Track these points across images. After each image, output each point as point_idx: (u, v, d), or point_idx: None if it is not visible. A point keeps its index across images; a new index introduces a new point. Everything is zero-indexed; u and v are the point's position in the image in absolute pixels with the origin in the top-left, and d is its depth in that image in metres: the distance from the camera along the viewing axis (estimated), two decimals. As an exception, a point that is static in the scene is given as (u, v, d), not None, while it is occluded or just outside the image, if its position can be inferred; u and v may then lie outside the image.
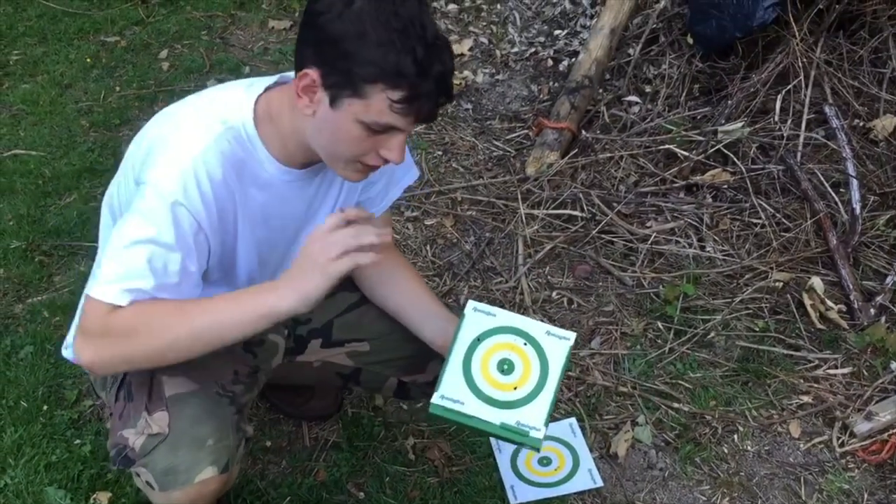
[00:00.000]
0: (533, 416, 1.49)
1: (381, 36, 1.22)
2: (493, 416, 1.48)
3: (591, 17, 3.51)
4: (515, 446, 2.01)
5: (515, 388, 1.51)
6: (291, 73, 1.41)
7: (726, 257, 2.53)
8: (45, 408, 2.08)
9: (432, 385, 1.70)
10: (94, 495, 1.89)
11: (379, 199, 1.65)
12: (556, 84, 3.29)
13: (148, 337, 1.32)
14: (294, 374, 1.80)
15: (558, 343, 1.54)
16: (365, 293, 1.74)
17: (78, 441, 2.00)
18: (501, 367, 1.52)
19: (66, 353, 1.62)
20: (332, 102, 1.28)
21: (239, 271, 1.51)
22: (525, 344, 1.54)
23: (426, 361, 1.72)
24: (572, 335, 1.54)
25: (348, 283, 1.76)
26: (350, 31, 1.23)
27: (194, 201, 1.32)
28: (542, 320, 1.99)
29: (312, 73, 1.28)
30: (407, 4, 1.24)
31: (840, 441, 2.06)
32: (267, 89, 1.41)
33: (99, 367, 1.37)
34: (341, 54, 1.24)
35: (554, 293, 2.46)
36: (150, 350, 1.34)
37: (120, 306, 1.31)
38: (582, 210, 2.66)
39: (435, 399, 1.47)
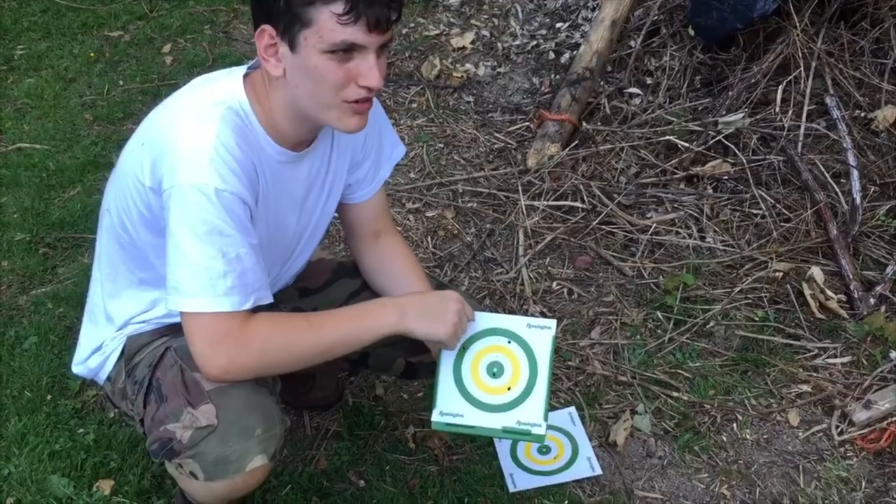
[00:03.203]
0: (532, 413, 1.53)
1: None
2: (494, 422, 1.53)
3: (593, 9, 3.51)
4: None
5: (509, 389, 1.55)
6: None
7: (726, 248, 2.54)
8: (48, 397, 2.10)
9: None
10: (98, 483, 1.90)
11: (369, 179, 1.66)
12: (558, 76, 3.29)
13: (281, 349, 1.38)
14: None
15: (541, 334, 1.56)
16: (366, 279, 1.75)
17: (81, 430, 2.02)
18: (491, 371, 1.56)
19: (78, 369, 1.64)
20: (291, 48, 1.30)
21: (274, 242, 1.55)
22: (509, 342, 1.56)
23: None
24: (553, 323, 1.57)
25: (350, 271, 1.78)
26: None
27: (232, 183, 1.33)
28: (527, 313, 2.00)
29: (267, 29, 1.31)
30: None
31: (839, 429, 2.06)
32: (248, 74, 1.43)
33: (233, 374, 1.38)
34: None
35: (554, 284, 2.47)
36: (286, 359, 1.40)
37: (247, 313, 1.34)
38: (582, 201, 2.67)
39: (435, 417, 1.53)
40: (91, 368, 1.61)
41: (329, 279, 1.78)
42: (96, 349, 1.60)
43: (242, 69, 1.44)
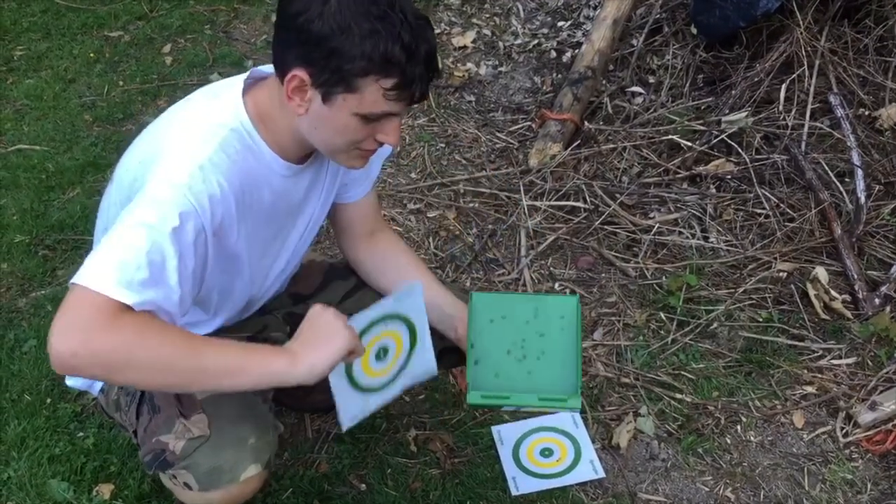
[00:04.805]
0: (566, 382, 1.55)
1: (364, 28, 1.22)
2: (529, 395, 1.55)
3: (595, 7, 3.49)
4: (517, 438, 2.01)
5: (539, 359, 1.58)
6: (262, 68, 1.41)
7: (730, 248, 2.52)
8: (48, 401, 2.09)
9: (438, 361, 1.68)
10: (97, 487, 1.89)
11: (362, 178, 1.65)
12: (560, 75, 3.27)
13: (148, 351, 1.20)
14: None
15: (566, 303, 1.59)
16: (364, 279, 1.74)
17: (81, 434, 2.01)
18: (521, 346, 1.58)
19: (72, 381, 1.63)
20: (324, 99, 1.28)
21: (246, 271, 1.48)
22: (535, 316, 1.58)
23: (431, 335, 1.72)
24: (575, 296, 1.62)
25: (342, 272, 1.77)
26: (333, 29, 1.22)
27: (200, 199, 1.26)
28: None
29: (301, 75, 1.27)
30: None
31: (844, 431, 2.05)
32: (247, 89, 1.39)
33: (79, 360, 1.18)
34: (328, 53, 1.23)
35: (556, 284, 2.45)
36: (146, 364, 1.21)
37: (128, 306, 1.19)
38: (585, 201, 2.66)
39: (471, 398, 1.55)
40: (84, 380, 1.59)
41: (321, 282, 1.77)
42: None
43: (241, 81, 1.40)
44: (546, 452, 1.99)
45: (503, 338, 1.59)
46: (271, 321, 1.68)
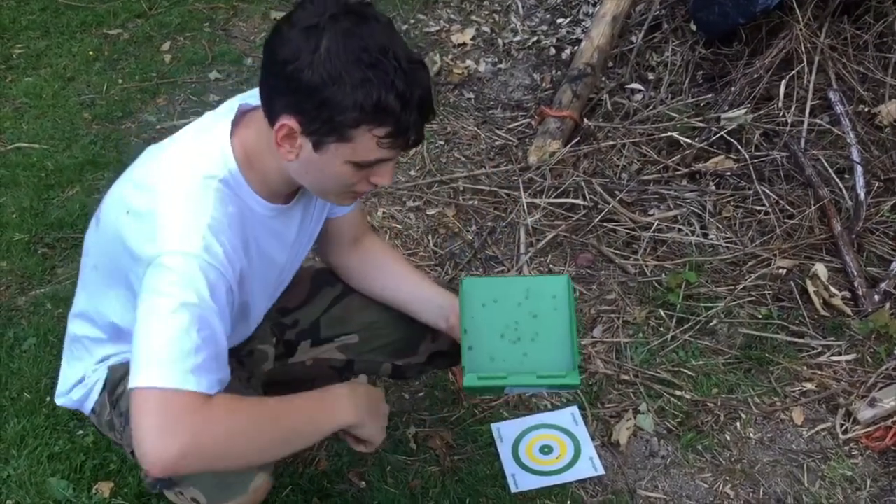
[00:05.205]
0: (562, 360, 1.54)
1: (356, 77, 1.17)
2: (527, 374, 1.53)
3: (594, 4, 3.49)
4: (517, 435, 2.01)
5: (533, 341, 1.55)
6: (250, 101, 1.37)
7: (729, 245, 2.52)
8: (47, 399, 2.09)
9: (427, 364, 1.74)
10: (97, 485, 1.90)
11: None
12: (559, 72, 3.27)
13: (247, 435, 1.25)
14: (288, 373, 1.80)
15: (557, 282, 1.57)
16: (352, 285, 1.73)
17: (81, 432, 2.01)
18: (514, 328, 1.56)
19: (62, 400, 1.58)
20: (315, 147, 1.25)
21: (252, 314, 1.52)
22: (527, 298, 1.56)
23: (417, 343, 1.74)
24: (565, 275, 1.61)
25: (329, 277, 1.75)
26: (323, 78, 1.18)
27: (221, 261, 1.25)
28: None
29: (290, 123, 1.23)
30: (374, 33, 1.19)
31: (843, 428, 2.05)
32: (234, 126, 1.34)
33: (189, 461, 1.18)
34: (319, 103, 1.19)
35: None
36: (245, 449, 1.27)
37: (209, 395, 1.21)
38: (584, 198, 2.65)
39: (468, 381, 1.51)
40: (75, 400, 1.57)
41: (309, 293, 1.75)
42: (78, 382, 1.55)
43: (229, 119, 1.35)
44: (545, 449, 1.99)
45: (496, 321, 1.57)
46: (258, 332, 1.64)
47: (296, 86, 1.20)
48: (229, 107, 1.38)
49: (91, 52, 3.59)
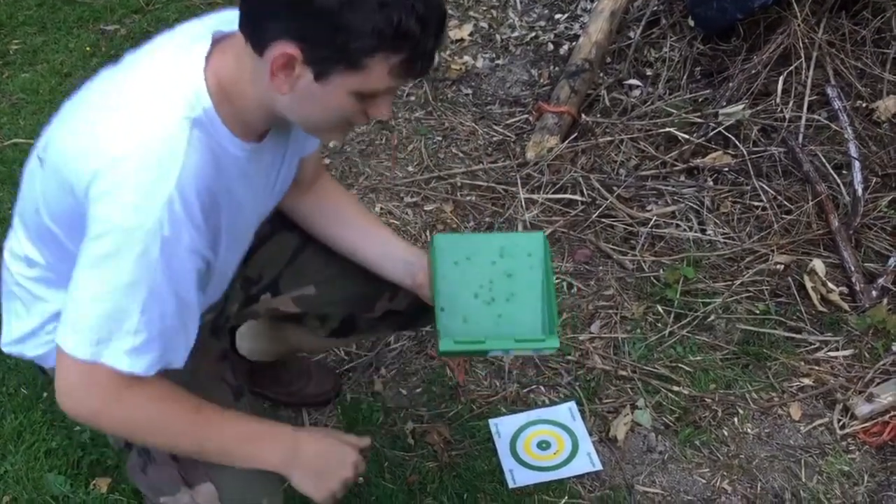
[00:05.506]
0: (539, 322, 1.47)
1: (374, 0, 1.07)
2: (505, 339, 1.46)
3: (592, 0, 3.48)
4: (515, 431, 2.01)
5: (508, 301, 1.48)
6: (228, 23, 1.24)
7: (727, 240, 2.52)
8: (44, 395, 2.09)
9: (380, 321, 1.66)
10: (94, 481, 1.90)
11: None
12: (557, 68, 3.26)
13: (156, 431, 1.26)
14: (241, 320, 1.75)
15: (532, 240, 1.50)
16: (311, 232, 1.62)
17: (78, 428, 2.01)
18: (489, 288, 1.48)
19: (11, 349, 1.46)
20: (317, 77, 1.14)
21: (225, 272, 1.42)
22: (501, 256, 1.49)
23: (374, 301, 1.66)
24: (541, 231, 1.55)
25: (286, 220, 1.63)
26: (340, 0, 1.07)
27: (186, 232, 1.16)
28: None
29: (290, 51, 1.11)
30: None
31: (841, 423, 2.05)
32: (209, 55, 1.21)
33: (91, 424, 1.28)
34: (332, 28, 1.09)
35: (554, 277, 2.45)
36: (150, 440, 1.31)
37: (138, 377, 1.19)
38: (582, 194, 2.65)
39: (444, 345, 1.43)
40: (29, 355, 1.45)
41: (268, 231, 1.60)
42: (30, 334, 1.42)
43: (207, 44, 1.22)
44: (543, 445, 1.99)
45: (469, 281, 1.49)
46: (230, 292, 1.54)
47: (305, 9, 1.09)
48: (201, 31, 1.25)
49: (88, 48, 3.58)
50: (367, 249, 1.59)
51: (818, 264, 2.35)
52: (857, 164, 2.53)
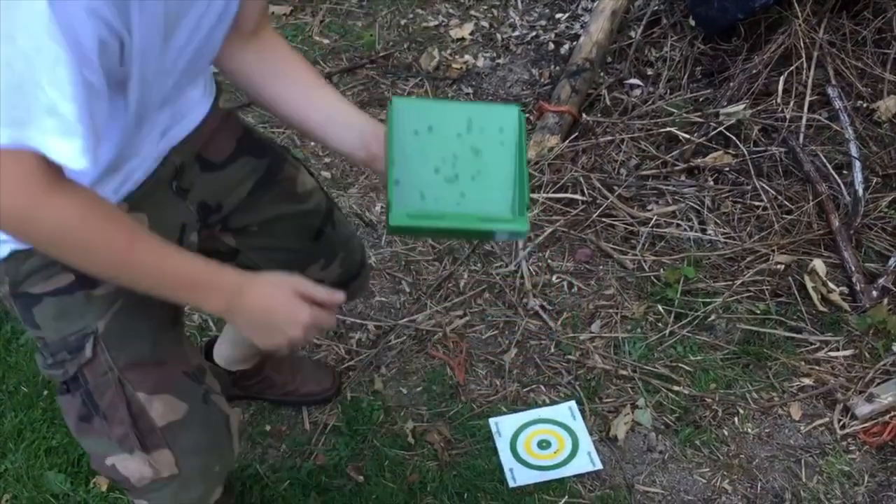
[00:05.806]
0: (507, 203, 1.31)
1: None
2: (467, 216, 1.30)
3: (593, -1, 3.48)
4: (515, 430, 2.01)
5: (474, 179, 1.31)
6: None
7: (728, 240, 2.52)
8: (45, 393, 2.09)
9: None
10: (94, 479, 1.90)
11: None
12: (558, 68, 3.26)
13: (85, 254, 1.11)
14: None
15: (505, 113, 1.32)
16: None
17: (78, 426, 2.01)
18: (452, 163, 1.31)
19: None
20: None
21: (139, 57, 1.08)
22: (469, 130, 1.32)
23: (305, 265, 1.55)
24: (516, 105, 1.35)
25: (256, 143, 1.51)
26: None
27: None
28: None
29: None
30: None
31: (841, 423, 2.05)
32: None
33: (27, 228, 1.07)
34: None
35: (554, 277, 2.45)
36: (76, 262, 1.13)
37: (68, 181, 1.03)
38: (582, 194, 2.65)
39: (394, 219, 1.25)
40: None
41: (233, 152, 1.46)
42: None
43: None
44: (543, 444, 1.99)
45: (430, 153, 1.30)
46: (188, 219, 1.42)
47: None
48: None
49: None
50: (313, 111, 1.37)
51: (819, 264, 2.35)
52: (857, 165, 2.53)
